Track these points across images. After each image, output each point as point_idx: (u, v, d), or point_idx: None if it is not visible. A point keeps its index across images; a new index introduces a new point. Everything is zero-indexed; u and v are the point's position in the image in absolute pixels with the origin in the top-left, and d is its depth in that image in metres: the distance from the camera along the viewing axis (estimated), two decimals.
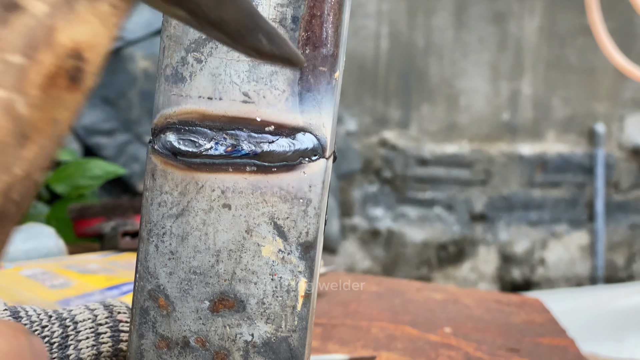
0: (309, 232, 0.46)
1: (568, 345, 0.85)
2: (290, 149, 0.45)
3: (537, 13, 2.72)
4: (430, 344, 0.82)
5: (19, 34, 0.29)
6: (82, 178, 1.32)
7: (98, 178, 1.33)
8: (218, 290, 0.47)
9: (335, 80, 0.46)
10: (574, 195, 2.79)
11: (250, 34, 0.35)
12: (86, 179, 1.32)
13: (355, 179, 2.72)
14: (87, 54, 0.31)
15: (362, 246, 2.73)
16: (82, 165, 1.36)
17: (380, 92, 2.69)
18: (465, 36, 2.70)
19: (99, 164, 1.37)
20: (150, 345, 0.48)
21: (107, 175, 1.35)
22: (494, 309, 1.00)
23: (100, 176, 1.34)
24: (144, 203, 0.47)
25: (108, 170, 1.36)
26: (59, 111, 0.30)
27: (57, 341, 0.50)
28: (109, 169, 1.37)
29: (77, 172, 1.33)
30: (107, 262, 0.86)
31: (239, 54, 0.46)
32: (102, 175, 1.34)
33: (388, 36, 2.67)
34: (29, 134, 0.29)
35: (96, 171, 1.34)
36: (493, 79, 2.73)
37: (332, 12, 0.45)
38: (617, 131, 2.80)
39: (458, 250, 2.76)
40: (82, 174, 1.33)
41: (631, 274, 2.85)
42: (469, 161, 2.74)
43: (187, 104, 0.46)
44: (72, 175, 1.32)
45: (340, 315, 0.92)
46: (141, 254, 0.48)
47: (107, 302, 0.54)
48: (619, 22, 2.58)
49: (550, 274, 2.80)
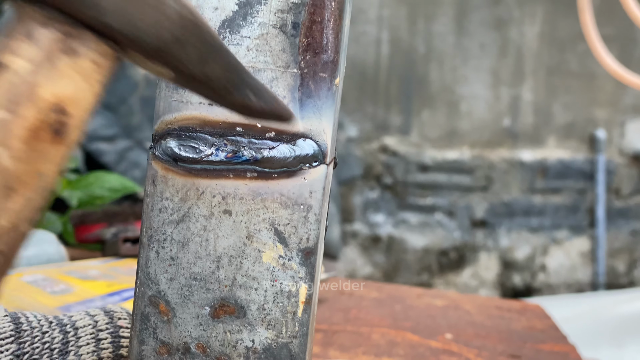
0: (310, 238, 0.46)
1: (569, 352, 0.85)
2: (290, 155, 0.46)
3: (537, 19, 2.72)
4: (431, 350, 0.82)
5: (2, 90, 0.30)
6: (100, 189, 1.33)
7: (117, 191, 1.35)
8: (219, 296, 0.47)
9: (335, 86, 0.46)
10: (574, 202, 2.79)
11: (237, 90, 0.36)
12: (104, 190, 1.34)
13: (356, 185, 2.72)
14: (70, 108, 0.31)
15: (363, 252, 2.73)
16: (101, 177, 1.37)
17: (381, 98, 2.69)
18: (466, 42, 2.70)
19: (117, 178, 1.39)
20: (150, 351, 0.48)
21: (124, 190, 1.36)
22: (495, 315, 1.00)
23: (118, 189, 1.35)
24: (145, 209, 0.47)
25: (126, 185, 1.38)
26: (43, 164, 0.31)
27: (58, 347, 0.50)
28: (127, 184, 1.38)
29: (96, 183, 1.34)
30: (108, 268, 0.86)
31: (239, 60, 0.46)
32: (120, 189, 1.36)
33: (389, 42, 2.68)
34: (14, 186, 0.30)
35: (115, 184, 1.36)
36: (494, 85, 2.73)
37: (332, 18, 0.45)
38: (617, 137, 2.80)
39: (459, 256, 2.76)
40: (101, 185, 1.34)
41: (632, 280, 2.84)
42: (470, 167, 2.73)
43: (187, 110, 0.47)
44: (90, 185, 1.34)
45: (341, 321, 0.91)
46: (142, 260, 0.48)
47: (108, 308, 0.54)
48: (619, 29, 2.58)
49: (551, 280, 2.80)
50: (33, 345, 0.49)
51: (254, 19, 0.46)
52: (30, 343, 0.49)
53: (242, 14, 0.46)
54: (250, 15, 0.45)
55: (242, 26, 0.46)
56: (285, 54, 0.45)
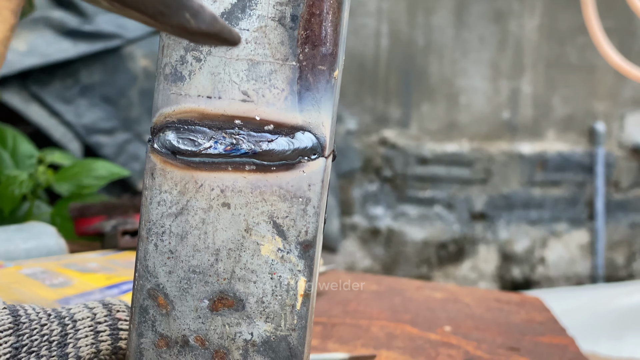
0: (308, 231, 0.46)
1: (568, 344, 0.85)
2: (289, 148, 0.46)
3: (537, 12, 2.72)
4: (430, 343, 0.82)
5: None
6: (87, 178, 1.33)
7: (103, 178, 1.34)
8: (217, 289, 0.47)
9: (334, 79, 0.46)
10: (574, 194, 2.79)
11: (173, 12, 0.35)
12: (91, 179, 1.33)
13: (355, 178, 2.72)
14: None
15: (362, 245, 2.73)
16: (87, 165, 1.36)
17: (380, 91, 2.69)
18: (465, 35, 2.70)
19: (104, 165, 1.38)
20: (149, 344, 0.48)
21: (111, 176, 1.35)
22: (494, 307, 1.00)
23: (104, 177, 1.34)
24: (143, 202, 0.47)
25: (113, 172, 1.37)
26: None
27: (56, 339, 0.50)
28: (113, 170, 1.37)
29: (82, 172, 1.33)
30: (107, 261, 0.86)
31: (238, 53, 0.46)
32: (107, 175, 1.35)
33: (388, 35, 2.67)
34: None
35: (101, 171, 1.35)
36: (493, 77, 2.72)
37: (331, 10, 0.45)
38: (617, 130, 2.80)
39: (458, 249, 2.76)
40: (87, 174, 1.33)
41: (631, 273, 2.85)
42: (469, 160, 2.73)
43: (186, 103, 0.46)
44: (77, 175, 1.33)
45: (340, 314, 0.92)
46: (140, 252, 0.48)
47: (106, 301, 0.54)
48: (618, 21, 2.57)
49: (550, 273, 2.80)
50: (32, 338, 0.49)
51: (253, 12, 0.45)
52: (29, 335, 0.49)
53: (241, 7, 0.45)
54: (248, 8, 0.45)
55: (241, 19, 0.46)
56: (284, 47, 0.45)
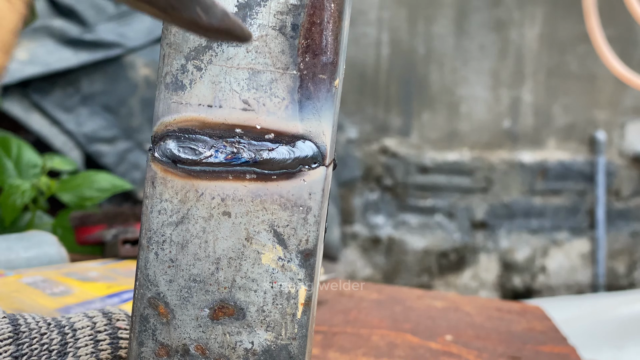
0: (309, 240, 0.46)
1: (569, 353, 0.85)
2: (290, 157, 0.46)
3: (537, 20, 2.72)
4: (431, 352, 0.82)
5: None
6: (89, 190, 1.32)
7: (105, 191, 1.34)
8: (218, 297, 0.47)
9: (335, 87, 0.46)
10: (574, 203, 2.78)
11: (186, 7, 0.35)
12: (93, 191, 1.33)
13: (356, 187, 2.72)
14: None
15: (363, 254, 2.73)
16: (90, 177, 1.36)
17: (381, 100, 2.69)
18: (466, 44, 2.71)
19: (106, 177, 1.38)
20: (150, 353, 0.48)
21: (114, 189, 1.35)
22: (495, 316, 1.00)
23: (107, 189, 1.34)
24: (144, 211, 0.47)
25: (115, 184, 1.37)
26: None
27: (56, 348, 0.50)
28: (116, 183, 1.37)
29: (85, 184, 1.33)
30: (108, 270, 0.86)
31: (239, 62, 0.46)
32: (109, 188, 1.35)
33: (389, 44, 2.68)
34: None
35: (103, 184, 1.35)
36: (494, 86, 2.73)
37: (332, 20, 0.45)
38: (617, 139, 2.80)
39: (459, 257, 2.76)
40: (90, 186, 1.33)
41: (632, 282, 2.84)
42: (470, 169, 2.73)
43: (187, 112, 0.47)
44: (79, 186, 1.33)
45: (340, 323, 0.91)
46: (141, 261, 0.48)
47: (106, 310, 0.54)
48: (619, 30, 2.58)
49: (551, 282, 2.79)
50: (31, 347, 0.49)
51: (254, 21, 0.46)
52: (29, 344, 0.48)
53: (242, 16, 0.46)
54: (249, 17, 0.45)
55: None
56: (285, 56, 0.45)
